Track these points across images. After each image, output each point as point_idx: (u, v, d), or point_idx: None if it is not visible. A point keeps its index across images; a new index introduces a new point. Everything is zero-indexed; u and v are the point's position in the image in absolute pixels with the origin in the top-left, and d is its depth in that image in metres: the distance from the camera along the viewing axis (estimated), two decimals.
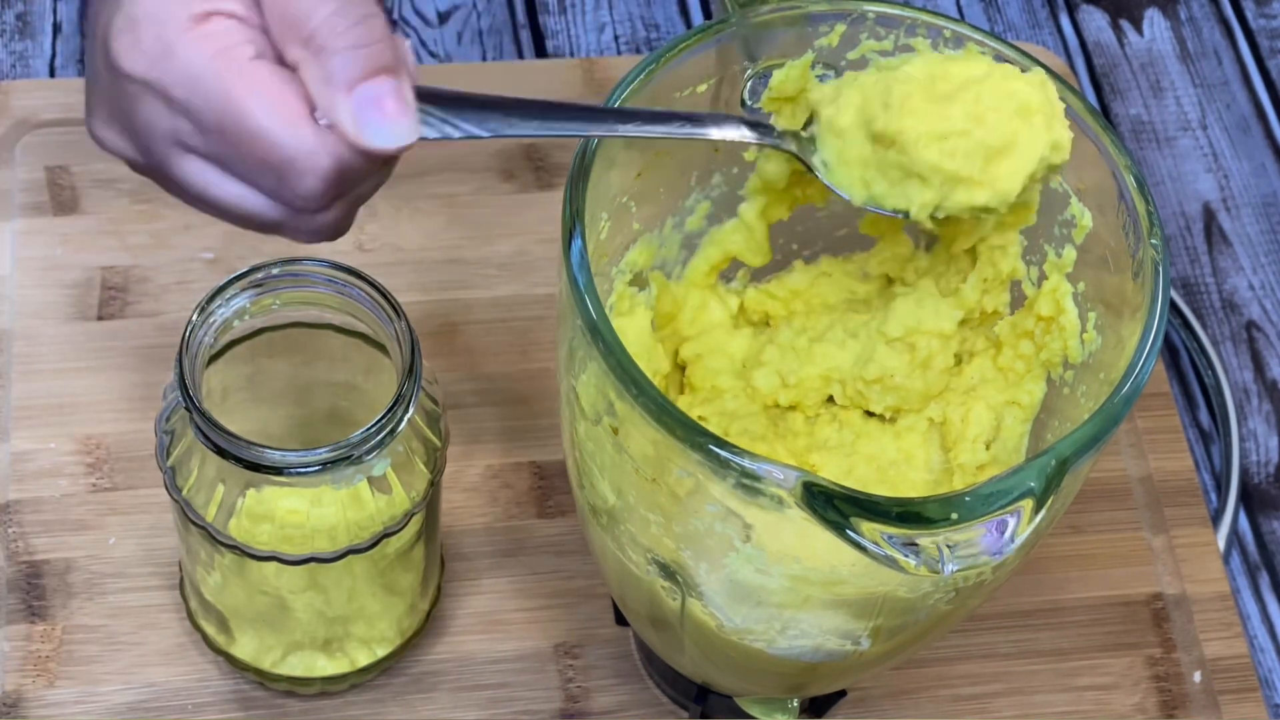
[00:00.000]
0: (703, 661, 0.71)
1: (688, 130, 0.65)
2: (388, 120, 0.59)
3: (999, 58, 0.68)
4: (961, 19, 0.83)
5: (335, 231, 0.64)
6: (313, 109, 0.59)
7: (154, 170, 0.63)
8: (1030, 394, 0.70)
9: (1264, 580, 0.94)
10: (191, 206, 0.64)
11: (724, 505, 0.60)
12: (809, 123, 0.66)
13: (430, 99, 0.60)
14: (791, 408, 0.73)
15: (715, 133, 0.65)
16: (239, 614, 0.75)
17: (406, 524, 0.71)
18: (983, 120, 0.63)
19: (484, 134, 0.61)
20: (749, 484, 0.58)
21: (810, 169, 0.66)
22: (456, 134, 0.61)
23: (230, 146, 0.60)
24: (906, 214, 0.64)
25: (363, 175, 0.61)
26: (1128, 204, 0.65)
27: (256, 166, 0.60)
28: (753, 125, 0.66)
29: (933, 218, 0.64)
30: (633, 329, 0.70)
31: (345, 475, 0.68)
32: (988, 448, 0.71)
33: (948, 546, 0.56)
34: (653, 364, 0.70)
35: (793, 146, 0.66)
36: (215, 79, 0.59)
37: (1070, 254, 0.69)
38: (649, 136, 0.64)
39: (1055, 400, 0.70)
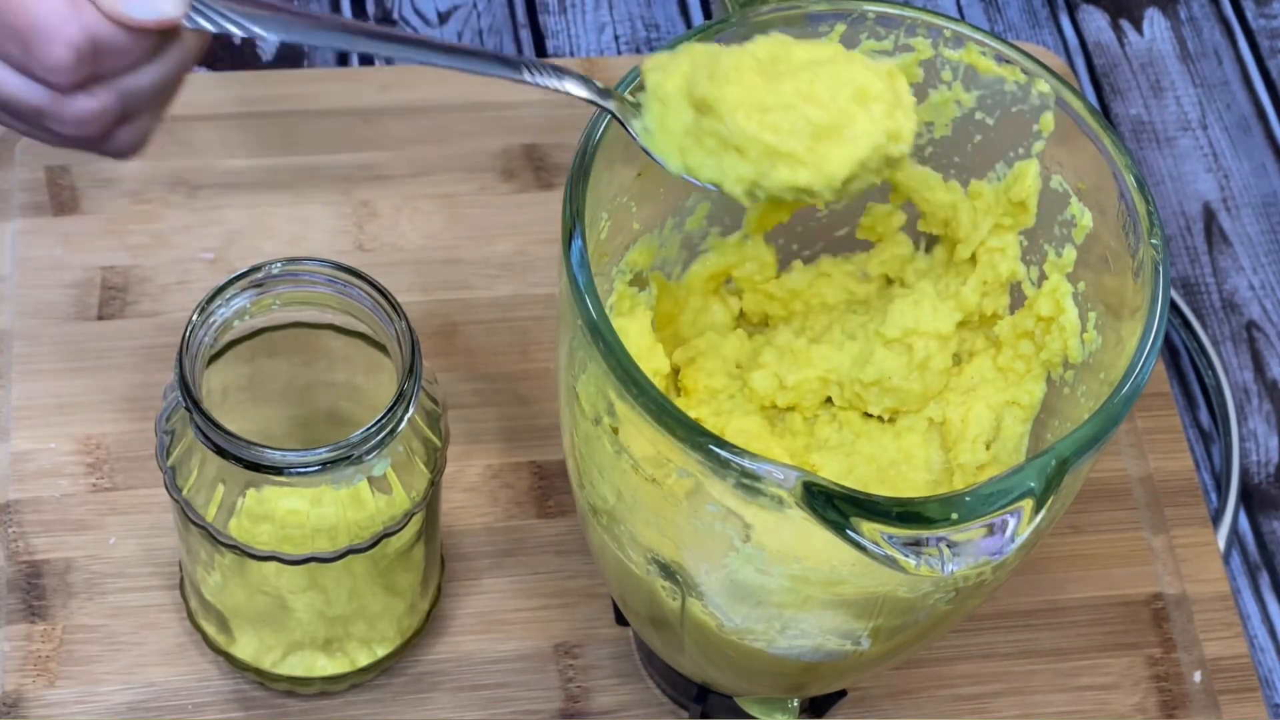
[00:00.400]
0: (703, 661, 0.71)
1: (500, 70, 0.63)
2: None
3: (999, 58, 0.68)
4: (961, 19, 0.83)
5: (101, 123, 0.62)
6: None
7: None
8: (1030, 394, 0.70)
9: (1264, 580, 0.94)
10: None
11: (724, 505, 0.60)
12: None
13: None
14: (790, 409, 0.73)
15: (529, 77, 0.63)
16: (239, 614, 0.75)
17: (406, 524, 0.71)
18: (813, 98, 0.61)
19: (270, 36, 0.61)
20: (749, 484, 0.58)
21: (630, 133, 0.64)
22: (238, 31, 0.60)
23: None
24: (720, 187, 0.62)
25: (122, 55, 0.60)
26: (1128, 204, 0.65)
27: (3, 33, 0.59)
28: (578, 79, 0.63)
29: (753, 195, 0.62)
30: (633, 329, 0.70)
31: (345, 475, 0.68)
32: (988, 447, 0.71)
33: (948, 546, 0.56)
34: (653, 364, 0.70)
35: (613, 106, 0.64)
36: None
37: (1070, 254, 0.69)
38: (450, 68, 0.62)
39: (1055, 400, 0.70)
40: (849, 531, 0.56)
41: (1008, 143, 0.69)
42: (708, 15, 1.14)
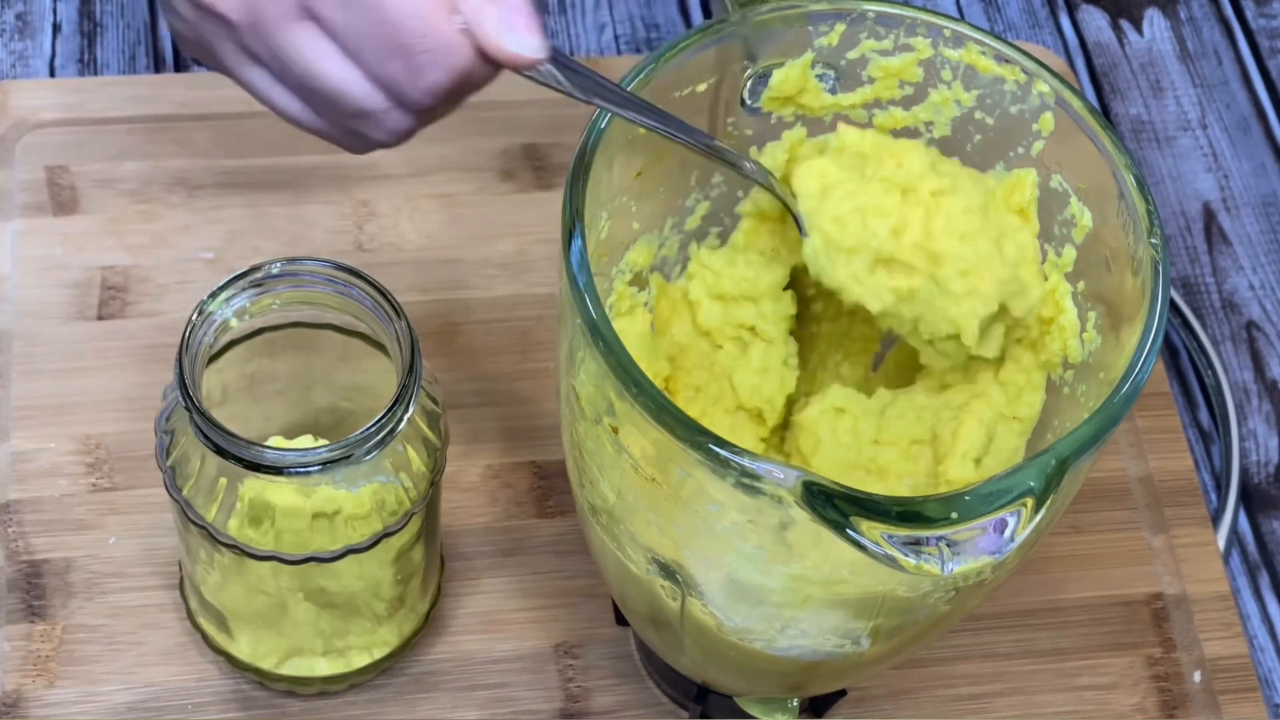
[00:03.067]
0: (703, 661, 0.71)
1: (727, 166, 0.66)
2: (525, 32, 0.61)
3: (999, 57, 0.68)
4: (961, 19, 0.83)
5: (405, 137, 0.65)
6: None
7: (252, 32, 0.63)
8: (1030, 405, 0.70)
9: (1264, 580, 0.94)
10: (263, 91, 0.65)
11: (724, 505, 0.60)
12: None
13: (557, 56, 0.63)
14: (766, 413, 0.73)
15: (749, 172, 0.67)
16: (239, 614, 0.75)
17: (406, 524, 0.71)
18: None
19: (599, 105, 0.63)
20: (749, 483, 0.58)
21: (800, 228, 0.67)
22: (564, 89, 0.63)
23: (369, 24, 0.61)
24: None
25: (477, 85, 0.62)
26: (1128, 204, 0.65)
27: (389, 50, 0.61)
28: (769, 180, 0.67)
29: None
30: (633, 329, 0.70)
31: (345, 475, 0.68)
32: (977, 463, 0.71)
33: (948, 546, 0.56)
34: (653, 364, 0.70)
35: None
36: None
37: (1070, 254, 0.69)
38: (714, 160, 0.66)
39: (1055, 400, 0.70)
40: (849, 531, 0.56)
41: (1008, 143, 0.69)
42: (708, 15, 1.14)
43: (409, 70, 0.61)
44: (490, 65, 0.62)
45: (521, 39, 0.61)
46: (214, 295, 0.69)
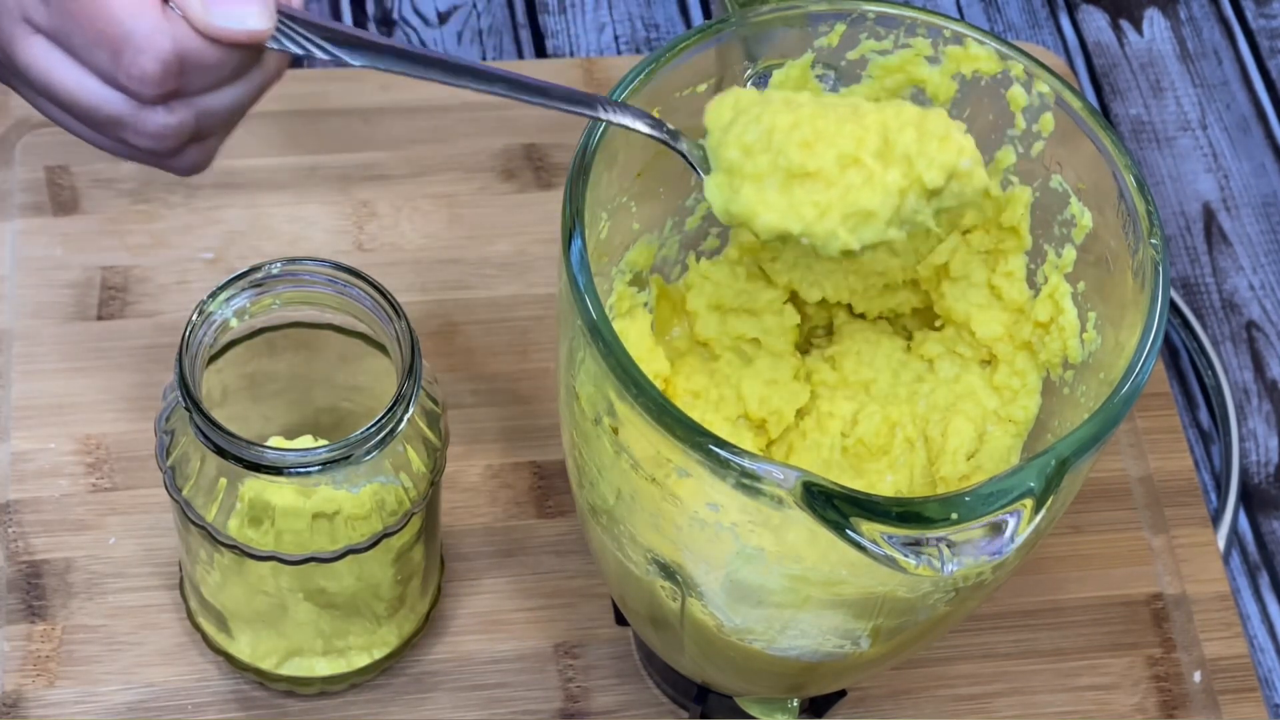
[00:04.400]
0: (703, 661, 0.71)
1: (576, 108, 0.63)
2: (237, 4, 0.58)
3: (1000, 58, 0.68)
4: (961, 19, 0.83)
5: (176, 139, 0.62)
6: None
7: (3, 52, 0.61)
8: (1025, 409, 0.70)
9: (1264, 580, 0.94)
10: (35, 103, 0.63)
11: (724, 505, 0.60)
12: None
13: (301, 21, 0.60)
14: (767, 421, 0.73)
15: (604, 114, 0.63)
16: (239, 614, 0.75)
17: (406, 524, 0.71)
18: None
19: (355, 63, 0.60)
20: (749, 484, 0.58)
21: (698, 173, 0.65)
22: (321, 54, 0.60)
23: (70, 18, 0.59)
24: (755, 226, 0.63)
25: (208, 71, 0.60)
26: (1128, 204, 0.65)
27: (94, 39, 0.59)
28: (650, 120, 0.64)
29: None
30: (633, 330, 0.70)
31: (345, 475, 0.68)
32: (969, 459, 0.71)
33: (948, 546, 0.56)
34: (653, 365, 0.70)
35: (683, 147, 0.64)
36: None
37: (1070, 254, 0.68)
38: (526, 103, 0.62)
39: (1055, 400, 0.70)
40: (849, 531, 0.56)
41: (1007, 142, 0.69)
42: (708, 15, 1.14)
43: (115, 59, 0.59)
44: (220, 46, 0.59)
45: (232, 11, 0.58)
46: (214, 295, 0.69)
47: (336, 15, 1.17)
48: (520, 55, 1.11)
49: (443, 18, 1.13)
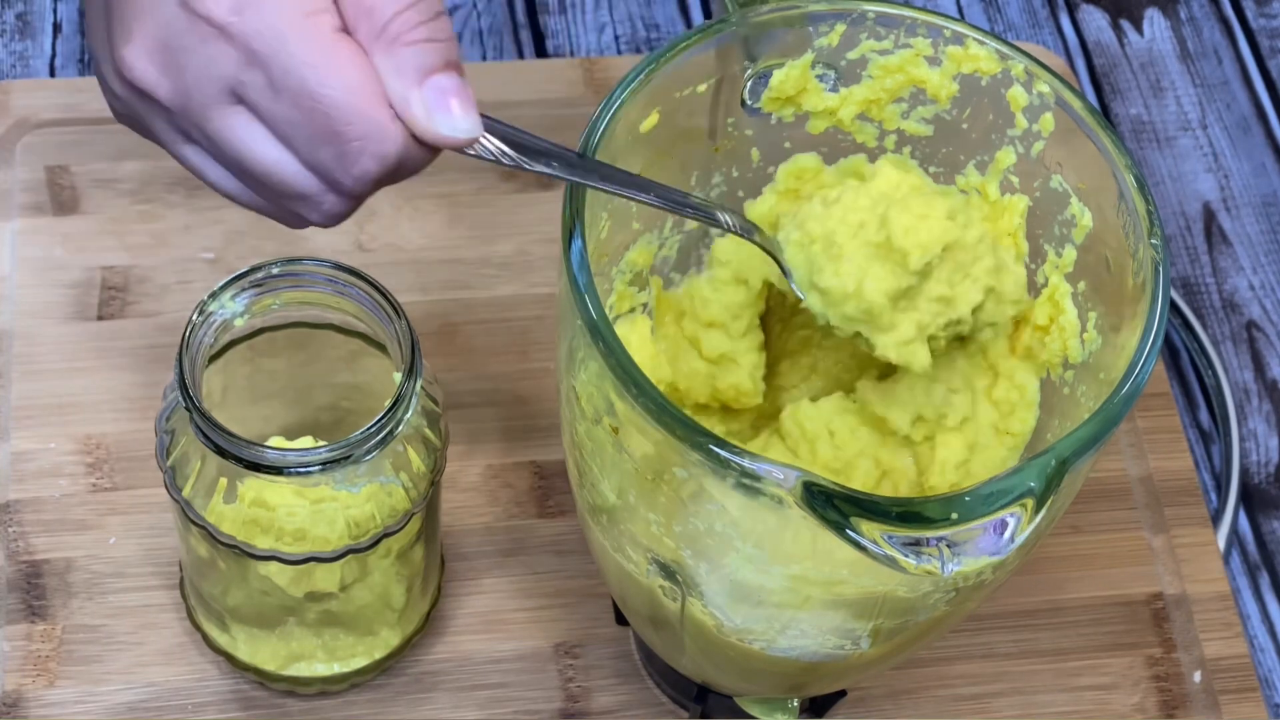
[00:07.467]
0: (703, 661, 0.71)
1: (705, 220, 0.66)
2: (455, 114, 0.60)
3: (1000, 57, 0.68)
4: (961, 19, 0.83)
5: (342, 218, 0.64)
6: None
7: (184, 114, 0.62)
8: (1023, 422, 0.70)
9: (1264, 580, 0.94)
10: (198, 168, 0.64)
11: (724, 505, 0.60)
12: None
13: (492, 130, 0.62)
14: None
15: (726, 223, 0.66)
16: (239, 614, 0.75)
17: (406, 524, 0.71)
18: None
19: (537, 170, 0.62)
20: (749, 484, 0.58)
21: (783, 269, 0.67)
22: (507, 162, 0.62)
23: (299, 112, 0.59)
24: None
25: (412, 168, 0.62)
26: (1128, 204, 0.65)
27: (320, 137, 0.60)
28: (748, 226, 0.67)
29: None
30: (633, 330, 0.70)
31: (345, 475, 0.68)
32: (958, 468, 0.70)
33: (948, 546, 0.56)
34: (653, 365, 0.70)
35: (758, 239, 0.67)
36: (302, 42, 0.59)
37: (1070, 254, 0.68)
38: (662, 209, 0.65)
39: (1055, 400, 0.70)
40: (849, 531, 0.56)
41: (1007, 143, 0.69)
42: (708, 15, 1.14)
43: (340, 157, 0.60)
44: (426, 148, 0.61)
45: (452, 121, 0.60)
46: (214, 295, 0.69)
47: None
48: (520, 55, 1.11)
49: None
